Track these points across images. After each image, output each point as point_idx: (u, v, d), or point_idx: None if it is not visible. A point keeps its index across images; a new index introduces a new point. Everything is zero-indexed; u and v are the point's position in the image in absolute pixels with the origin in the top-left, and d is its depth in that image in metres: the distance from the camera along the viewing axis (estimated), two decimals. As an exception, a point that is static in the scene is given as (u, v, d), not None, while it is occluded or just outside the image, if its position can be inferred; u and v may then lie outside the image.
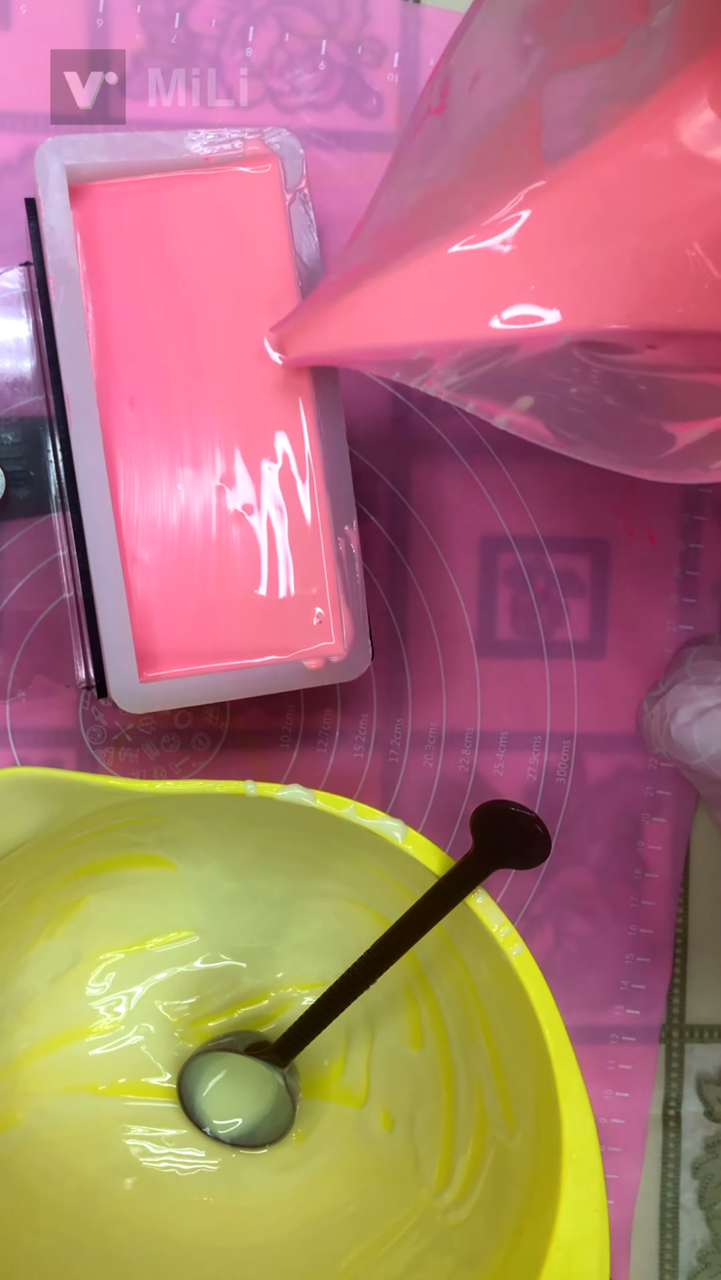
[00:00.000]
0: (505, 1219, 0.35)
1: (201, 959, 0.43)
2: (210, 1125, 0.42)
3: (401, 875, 0.38)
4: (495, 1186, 0.37)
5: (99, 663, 0.38)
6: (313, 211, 0.40)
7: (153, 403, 0.39)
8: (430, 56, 0.45)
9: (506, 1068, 0.37)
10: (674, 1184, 0.47)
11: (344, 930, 0.42)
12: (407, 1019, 0.42)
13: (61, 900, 0.41)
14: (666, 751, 0.39)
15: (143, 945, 0.43)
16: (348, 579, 0.40)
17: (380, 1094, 0.42)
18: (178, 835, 0.40)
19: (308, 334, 0.37)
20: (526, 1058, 0.35)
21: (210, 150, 0.39)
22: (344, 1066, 0.43)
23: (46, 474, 0.43)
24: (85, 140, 0.38)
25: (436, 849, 0.36)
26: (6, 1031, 0.41)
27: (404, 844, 0.35)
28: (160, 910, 0.43)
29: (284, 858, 0.41)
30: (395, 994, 0.42)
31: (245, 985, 0.44)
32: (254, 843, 0.41)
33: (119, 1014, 0.42)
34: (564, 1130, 0.33)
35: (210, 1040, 0.43)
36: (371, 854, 0.37)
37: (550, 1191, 0.33)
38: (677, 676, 0.41)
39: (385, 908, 0.40)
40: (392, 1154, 0.41)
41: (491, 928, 0.34)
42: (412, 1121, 0.41)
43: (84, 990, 0.42)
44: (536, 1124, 0.35)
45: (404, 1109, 0.41)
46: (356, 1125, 0.42)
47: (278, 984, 0.43)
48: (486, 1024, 0.38)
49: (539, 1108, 0.35)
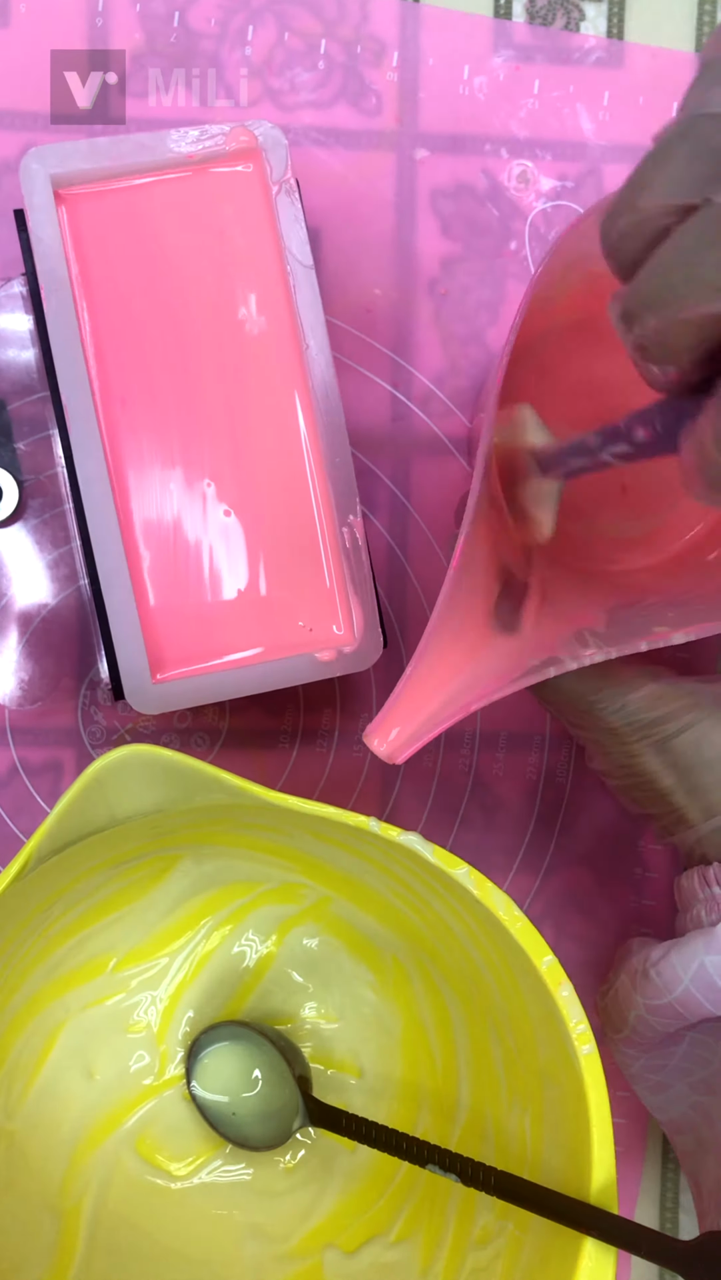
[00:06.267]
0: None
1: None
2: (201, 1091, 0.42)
3: (490, 942, 0.37)
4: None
5: (112, 666, 0.38)
6: (300, 202, 0.39)
7: (143, 404, 0.39)
8: (429, 55, 0.45)
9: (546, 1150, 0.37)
10: (673, 1184, 0.47)
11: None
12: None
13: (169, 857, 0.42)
14: (640, 1010, 0.37)
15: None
16: (355, 570, 0.39)
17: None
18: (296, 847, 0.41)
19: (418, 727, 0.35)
20: (568, 1143, 0.35)
21: (194, 148, 0.39)
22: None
23: (58, 478, 0.43)
24: (68, 148, 0.38)
25: (538, 935, 0.34)
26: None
27: (509, 924, 0.34)
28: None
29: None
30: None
31: (292, 1002, 0.44)
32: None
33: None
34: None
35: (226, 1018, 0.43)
36: (470, 913, 0.36)
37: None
38: (625, 958, 0.40)
39: (452, 971, 0.40)
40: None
41: (569, 1023, 0.33)
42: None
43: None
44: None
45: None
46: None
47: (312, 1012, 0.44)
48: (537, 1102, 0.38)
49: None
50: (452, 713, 0.33)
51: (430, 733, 0.33)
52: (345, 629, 0.40)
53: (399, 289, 0.46)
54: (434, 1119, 0.42)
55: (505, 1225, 0.37)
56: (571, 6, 0.46)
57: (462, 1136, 0.40)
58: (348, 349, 0.45)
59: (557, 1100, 0.35)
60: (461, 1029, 0.41)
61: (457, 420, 0.46)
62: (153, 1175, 0.42)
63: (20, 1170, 0.40)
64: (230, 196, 0.40)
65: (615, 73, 0.46)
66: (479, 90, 0.46)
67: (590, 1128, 0.33)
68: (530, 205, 0.46)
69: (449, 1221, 0.39)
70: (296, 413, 0.40)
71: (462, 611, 0.33)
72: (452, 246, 0.46)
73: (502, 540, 0.36)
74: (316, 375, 0.39)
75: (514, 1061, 0.38)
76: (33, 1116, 0.41)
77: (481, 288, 0.46)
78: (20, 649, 0.44)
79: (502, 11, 0.46)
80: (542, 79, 0.46)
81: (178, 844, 0.41)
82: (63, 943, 0.41)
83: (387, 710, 0.33)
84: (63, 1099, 0.42)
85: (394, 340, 0.46)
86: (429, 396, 0.46)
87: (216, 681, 0.39)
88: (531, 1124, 0.37)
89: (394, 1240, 0.41)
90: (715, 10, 0.46)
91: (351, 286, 0.45)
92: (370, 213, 0.45)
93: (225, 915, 0.44)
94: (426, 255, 0.46)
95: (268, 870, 0.42)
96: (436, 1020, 0.42)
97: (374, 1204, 0.42)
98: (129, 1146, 0.42)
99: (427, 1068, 0.42)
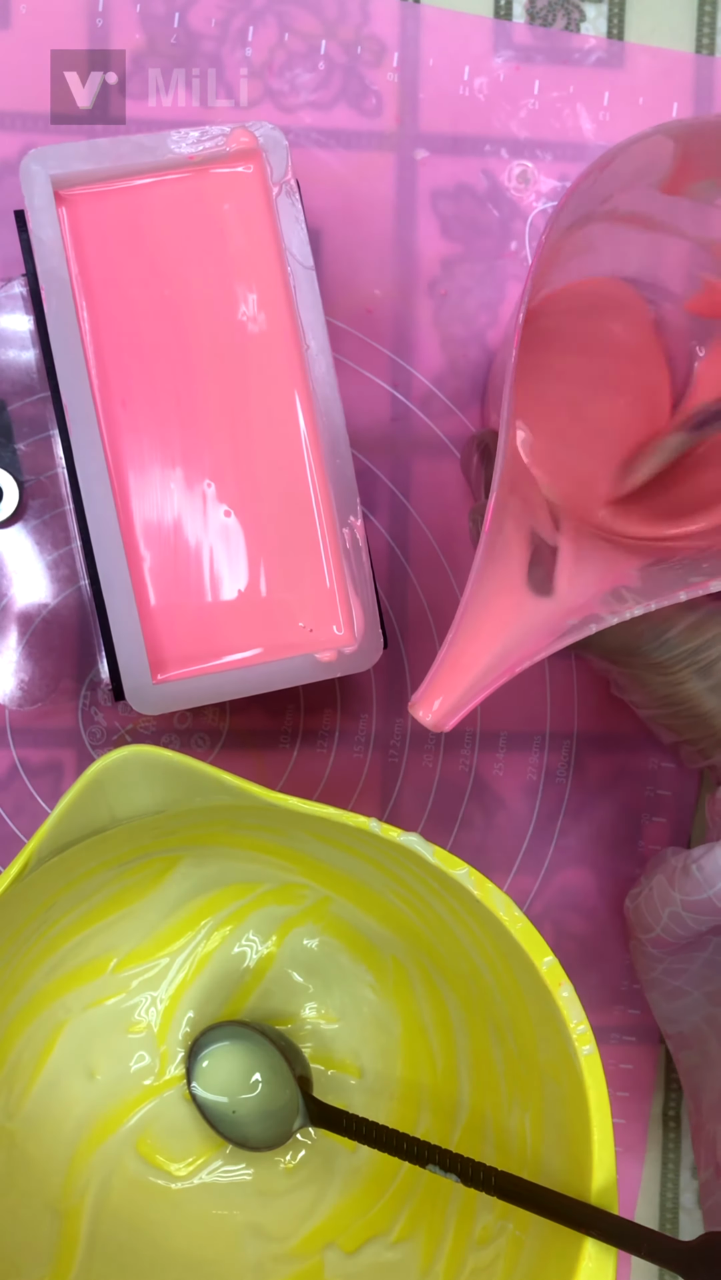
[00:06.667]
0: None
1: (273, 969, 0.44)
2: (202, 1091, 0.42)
3: (490, 943, 0.37)
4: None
5: (113, 666, 0.38)
6: (300, 203, 0.39)
7: (144, 404, 0.39)
8: (430, 56, 0.45)
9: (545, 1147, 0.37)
10: (674, 1184, 0.47)
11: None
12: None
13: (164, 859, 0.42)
14: (676, 906, 0.38)
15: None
16: (355, 570, 0.39)
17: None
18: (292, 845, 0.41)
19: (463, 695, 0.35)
20: (568, 1139, 0.35)
21: (194, 149, 0.39)
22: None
23: (58, 479, 0.43)
24: (68, 149, 0.38)
25: (538, 935, 0.34)
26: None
27: (509, 924, 0.34)
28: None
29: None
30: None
31: (293, 1002, 0.44)
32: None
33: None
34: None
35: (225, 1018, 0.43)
36: (471, 914, 0.36)
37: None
38: (659, 863, 0.41)
39: (452, 970, 0.40)
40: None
41: (570, 1023, 0.34)
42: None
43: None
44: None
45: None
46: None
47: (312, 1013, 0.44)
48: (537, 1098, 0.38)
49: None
50: (496, 677, 0.33)
51: (475, 698, 0.33)
52: (345, 629, 0.40)
53: (399, 289, 0.46)
54: (434, 1119, 0.42)
55: (505, 1225, 0.37)
56: (571, 7, 0.46)
57: (463, 1137, 0.40)
58: (348, 349, 0.45)
59: (558, 1100, 0.35)
60: (461, 1029, 0.41)
61: (458, 420, 0.46)
62: (153, 1175, 0.42)
63: (21, 1170, 0.40)
64: (230, 197, 0.40)
65: (615, 73, 0.46)
66: (479, 91, 0.46)
67: (590, 1128, 0.33)
68: (530, 206, 0.46)
69: (449, 1222, 0.39)
70: (297, 413, 0.40)
71: (498, 577, 0.34)
72: (453, 247, 0.46)
73: (530, 505, 0.36)
74: (317, 376, 0.39)
75: (514, 1062, 0.38)
76: (33, 1117, 0.41)
77: (481, 288, 0.46)
78: (20, 649, 0.44)
79: (503, 12, 0.46)
80: (543, 79, 0.46)
81: (178, 845, 0.41)
82: (63, 943, 0.41)
83: (431, 679, 0.33)
84: (63, 1099, 0.42)
85: (394, 341, 0.46)
86: (429, 397, 0.46)
87: (217, 682, 0.39)
88: (531, 1124, 0.37)
89: (394, 1240, 0.41)
90: (715, 10, 0.46)
91: (352, 287, 0.45)
92: (370, 213, 0.45)
93: (225, 916, 0.44)
94: (426, 256, 0.46)
95: (268, 871, 0.42)
96: (436, 1020, 0.42)
97: (374, 1204, 0.42)
98: (129, 1147, 0.42)
99: (428, 1068, 0.42)
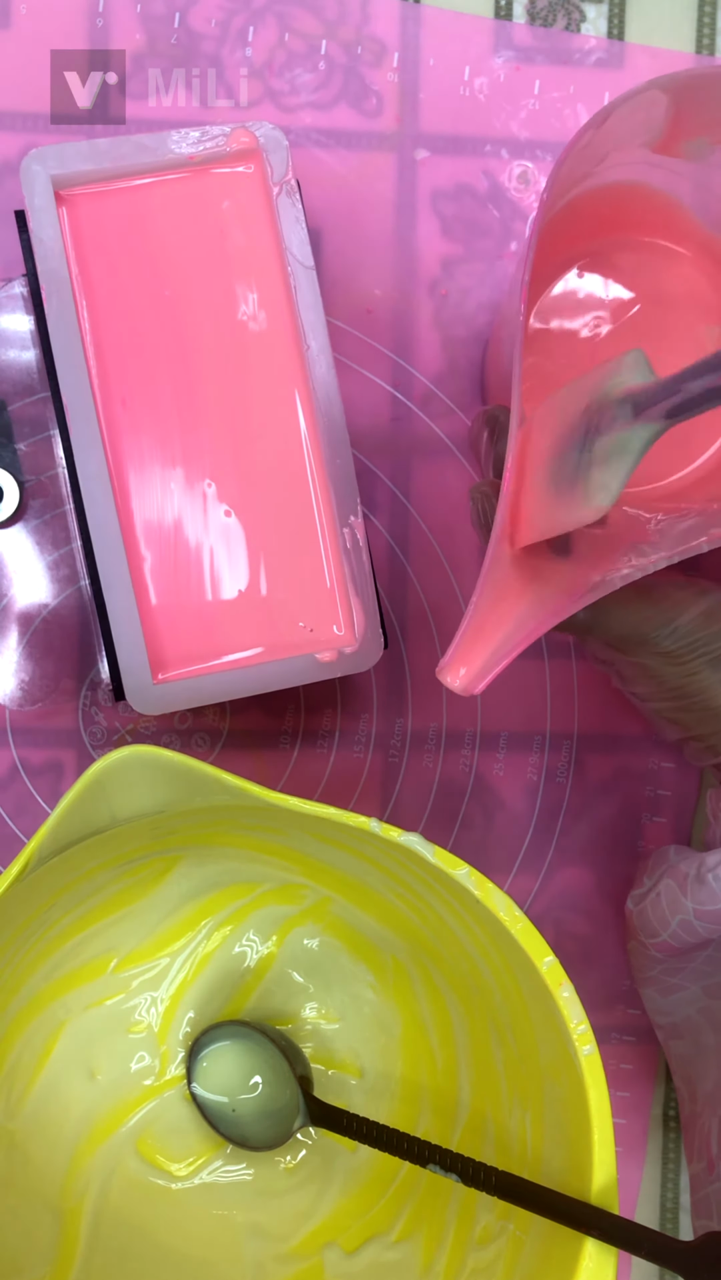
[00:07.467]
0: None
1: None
2: (202, 1091, 0.42)
3: (491, 943, 0.37)
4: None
5: (113, 666, 0.38)
6: (301, 203, 0.39)
7: (144, 404, 0.39)
8: (430, 56, 0.45)
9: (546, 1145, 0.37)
10: (674, 1184, 0.47)
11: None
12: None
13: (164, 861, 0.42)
14: (688, 915, 0.38)
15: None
16: (355, 570, 0.39)
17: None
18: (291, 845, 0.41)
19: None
20: (569, 1139, 0.35)
21: (194, 149, 0.39)
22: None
23: (58, 479, 0.43)
24: (69, 149, 0.38)
25: (539, 935, 0.34)
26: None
27: (510, 924, 0.34)
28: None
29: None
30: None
31: (293, 1002, 0.44)
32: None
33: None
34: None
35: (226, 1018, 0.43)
36: (471, 914, 0.36)
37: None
38: (665, 865, 0.41)
39: (455, 972, 0.40)
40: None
41: (570, 1023, 0.34)
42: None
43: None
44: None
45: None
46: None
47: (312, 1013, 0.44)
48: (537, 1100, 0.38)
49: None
50: (522, 638, 0.33)
51: (502, 660, 0.33)
52: (346, 629, 0.40)
53: (399, 290, 0.46)
54: (434, 1119, 0.42)
55: (506, 1225, 0.37)
56: (572, 7, 0.46)
57: (463, 1136, 0.40)
58: (348, 349, 0.45)
59: (558, 1100, 0.35)
60: (462, 1029, 0.41)
61: (458, 420, 0.46)
62: (153, 1175, 0.42)
63: (21, 1170, 0.40)
64: (231, 197, 0.40)
65: (615, 74, 0.46)
66: (479, 91, 0.46)
67: (591, 1128, 0.33)
68: (531, 206, 0.46)
69: (449, 1221, 0.39)
70: (297, 413, 0.40)
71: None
72: (453, 247, 0.46)
73: None
74: (317, 376, 0.39)
75: (514, 1061, 0.38)
76: (34, 1117, 0.41)
77: (482, 289, 0.46)
78: (21, 649, 0.44)
79: (503, 12, 0.46)
80: (543, 80, 0.46)
81: (178, 845, 0.41)
82: (64, 943, 0.41)
83: (457, 645, 0.33)
84: (64, 1099, 0.42)
85: (394, 341, 0.46)
86: (429, 397, 0.46)
87: (217, 682, 0.39)
88: (532, 1124, 0.37)
89: (395, 1240, 0.41)
90: (715, 10, 0.46)
91: (352, 287, 0.45)
92: (371, 213, 0.45)
93: (226, 916, 0.44)
94: (427, 256, 0.46)
95: (268, 871, 0.43)
96: (437, 1020, 0.42)
97: (375, 1204, 0.42)
98: (130, 1146, 0.42)
99: (428, 1068, 0.42)
